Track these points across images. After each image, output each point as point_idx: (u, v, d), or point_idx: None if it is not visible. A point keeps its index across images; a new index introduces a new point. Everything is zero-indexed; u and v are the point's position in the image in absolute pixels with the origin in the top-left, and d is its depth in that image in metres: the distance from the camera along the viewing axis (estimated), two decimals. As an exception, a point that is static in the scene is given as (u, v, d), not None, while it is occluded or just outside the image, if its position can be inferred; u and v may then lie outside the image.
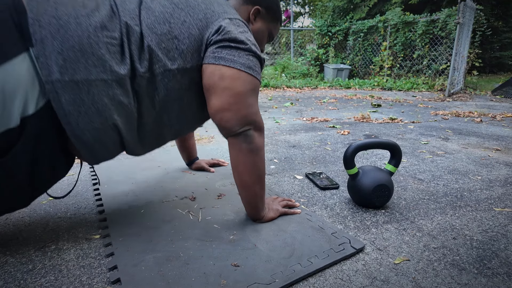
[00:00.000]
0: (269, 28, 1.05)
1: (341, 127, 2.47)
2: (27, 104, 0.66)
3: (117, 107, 0.75)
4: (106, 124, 0.75)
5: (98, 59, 0.70)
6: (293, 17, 7.52)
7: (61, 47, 0.67)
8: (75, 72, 0.68)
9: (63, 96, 0.68)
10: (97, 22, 0.71)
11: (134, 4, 0.78)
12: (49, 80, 0.67)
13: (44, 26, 0.67)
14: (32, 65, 0.66)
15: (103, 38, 0.71)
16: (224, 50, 0.82)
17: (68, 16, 0.69)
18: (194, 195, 1.13)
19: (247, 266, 0.73)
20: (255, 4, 0.99)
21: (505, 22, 8.86)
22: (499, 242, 0.87)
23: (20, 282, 0.69)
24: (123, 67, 0.73)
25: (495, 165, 1.53)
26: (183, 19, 0.80)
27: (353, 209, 1.06)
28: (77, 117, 0.71)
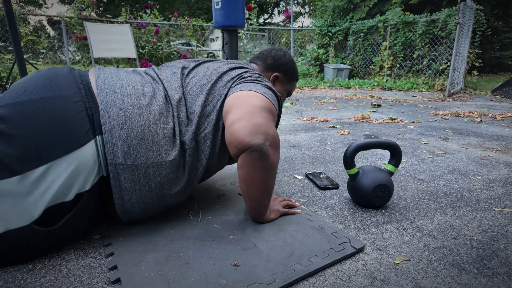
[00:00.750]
0: (287, 89, 1.20)
1: (341, 127, 2.47)
2: (86, 183, 0.75)
3: (168, 183, 0.84)
4: (155, 198, 0.84)
5: (156, 144, 0.80)
6: (293, 17, 7.52)
7: (126, 136, 0.77)
8: (137, 158, 0.78)
9: (123, 176, 0.78)
10: (156, 111, 0.82)
11: (178, 83, 0.91)
12: (112, 163, 0.76)
13: (113, 117, 0.77)
14: (97, 150, 0.76)
15: (160, 125, 0.82)
16: (241, 84, 0.92)
17: (132, 107, 0.80)
18: (194, 195, 1.13)
19: (247, 265, 0.73)
20: (274, 71, 1.15)
21: (505, 22, 8.85)
22: (499, 242, 0.87)
23: (20, 282, 0.69)
24: (175, 149, 0.83)
25: (495, 165, 1.53)
26: (213, 86, 0.92)
27: (353, 209, 1.06)
28: (131, 193, 0.80)
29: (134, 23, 5.22)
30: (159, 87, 0.89)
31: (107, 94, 0.80)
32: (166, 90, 0.89)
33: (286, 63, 1.16)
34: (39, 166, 0.69)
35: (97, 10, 19.28)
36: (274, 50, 1.18)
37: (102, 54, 4.07)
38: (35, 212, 0.69)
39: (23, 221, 0.68)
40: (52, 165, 0.70)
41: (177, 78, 0.93)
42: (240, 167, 0.81)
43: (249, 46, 6.67)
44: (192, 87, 0.92)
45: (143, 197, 0.82)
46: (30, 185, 0.68)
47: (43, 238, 0.73)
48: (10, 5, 2.13)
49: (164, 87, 0.89)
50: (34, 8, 17.65)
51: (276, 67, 1.15)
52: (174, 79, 0.92)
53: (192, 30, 5.95)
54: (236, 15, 1.97)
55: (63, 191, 0.71)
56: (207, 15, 20.02)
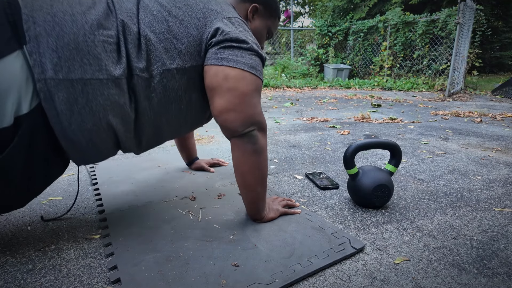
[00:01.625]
0: (267, 25, 1.04)
1: (341, 127, 2.47)
2: (21, 103, 0.65)
3: (112, 108, 0.73)
4: (99, 125, 0.73)
5: (94, 57, 0.69)
6: (293, 17, 7.51)
7: (56, 44, 0.66)
8: (70, 71, 0.67)
9: (56, 95, 0.67)
10: (94, 20, 0.70)
11: (131, 3, 0.78)
12: (41, 78, 0.65)
13: (38, 23, 0.66)
14: (26, 63, 0.65)
15: (99, 36, 0.70)
16: (226, 51, 0.81)
17: (63, 13, 0.68)
18: (194, 195, 1.13)
19: (247, 266, 0.73)
20: (252, 2, 0.98)
21: (505, 22, 8.85)
22: (499, 242, 0.87)
23: (20, 282, 0.69)
24: (119, 67, 0.72)
25: (495, 165, 1.53)
26: (181, 18, 0.80)
27: (353, 209, 1.06)
28: (69, 117, 0.69)
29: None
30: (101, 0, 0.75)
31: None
32: (113, 3, 0.76)
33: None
34: None
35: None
36: None
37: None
38: None
39: None
40: None
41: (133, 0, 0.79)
42: (232, 151, 0.86)
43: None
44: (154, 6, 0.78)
45: (84, 123, 0.71)
46: None
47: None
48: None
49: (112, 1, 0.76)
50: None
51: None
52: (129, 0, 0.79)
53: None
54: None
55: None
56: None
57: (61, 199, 1.13)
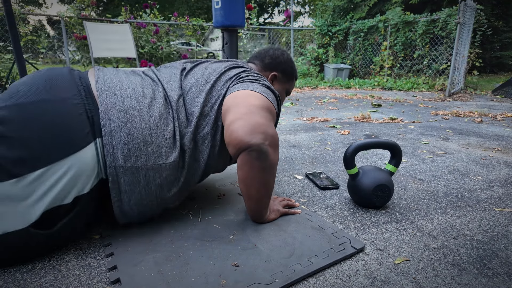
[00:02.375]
0: (286, 88, 1.20)
1: (341, 127, 2.46)
2: (85, 186, 0.74)
3: (167, 185, 0.84)
4: (154, 200, 0.83)
5: (156, 147, 0.80)
6: (293, 17, 7.51)
7: (127, 138, 0.77)
8: (137, 160, 0.77)
9: (122, 178, 0.77)
10: (156, 113, 0.82)
11: (177, 83, 0.91)
12: (112, 166, 0.75)
13: (113, 119, 0.77)
14: (96, 152, 0.75)
15: (161, 127, 0.81)
16: (239, 83, 0.91)
17: (133, 109, 0.80)
18: (194, 195, 1.13)
19: (247, 266, 0.73)
20: (272, 71, 1.14)
21: (506, 22, 8.85)
22: (499, 242, 0.87)
23: (20, 282, 0.69)
24: (175, 150, 0.82)
25: (495, 165, 1.53)
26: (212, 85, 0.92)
27: (353, 209, 1.06)
28: (130, 195, 0.79)
29: (134, 23, 5.21)
30: (158, 89, 0.88)
31: (107, 96, 0.79)
32: (165, 91, 0.88)
33: (284, 62, 1.16)
34: (37, 169, 0.68)
35: (97, 9, 19.27)
36: (272, 50, 1.17)
37: (101, 53, 4.07)
38: (33, 215, 0.68)
39: (21, 224, 0.68)
40: (50, 168, 0.69)
41: (176, 79, 0.92)
42: (239, 167, 0.80)
43: (249, 46, 6.67)
44: (191, 87, 0.91)
45: (142, 200, 0.81)
46: (27, 187, 0.67)
47: (41, 240, 0.73)
48: (9, 4, 2.13)
49: (164, 88, 0.89)
50: (34, 7, 17.64)
51: (274, 66, 1.14)
52: (173, 79, 0.92)
53: (192, 30, 5.94)
54: (236, 15, 1.97)
55: (62, 194, 0.70)
56: (207, 15, 20.01)
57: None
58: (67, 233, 0.78)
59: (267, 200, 0.89)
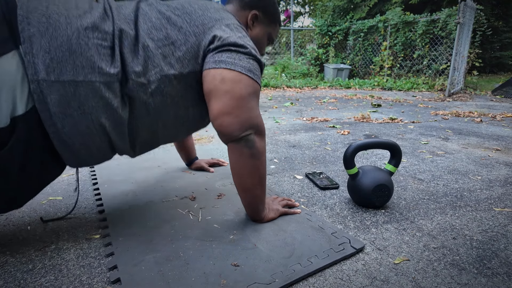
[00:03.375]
0: (268, 32, 1.04)
1: (341, 127, 2.46)
2: (16, 104, 0.65)
3: (105, 111, 0.73)
4: (92, 128, 0.73)
5: (87, 60, 0.68)
6: (293, 17, 7.51)
7: (48, 46, 0.66)
8: (62, 72, 0.67)
9: (49, 97, 0.66)
10: (89, 23, 0.70)
11: (129, 10, 0.79)
12: (34, 79, 0.65)
13: (33, 23, 0.66)
14: (22, 64, 0.65)
15: (93, 39, 0.69)
16: (224, 54, 0.81)
17: (58, 15, 0.68)
18: (194, 195, 1.13)
19: (247, 266, 0.73)
20: (252, 9, 0.99)
21: (505, 22, 8.85)
22: (499, 242, 0.87)
23: (20, 281, 0.69)
24: (112, 70, 0.71)
25: (495, 165, 1.53)
26: (180, 25, 0.80)
27: (353, 209, 1.06)
28: (62, 119, 0.69)
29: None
30: (99, 5, 0.76)
31: None
32: (111, 9, 0.76)
33: (266, 0, 1.01)
34: None
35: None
36: None
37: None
38: None
39: None
40: None
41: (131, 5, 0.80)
42: (230, 154, 0.84)
43: (249, 46, 6.65)
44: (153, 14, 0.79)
45: (77, 125, 0.70)
46: None
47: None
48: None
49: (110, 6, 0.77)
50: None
51: (254, 4, 0.99)
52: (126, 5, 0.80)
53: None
54: (236, 15, 1.96)
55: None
56: (207, 15, 19.95)
57: (61, 199, 1.13)
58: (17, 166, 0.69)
59: (261, 192, 0.89)
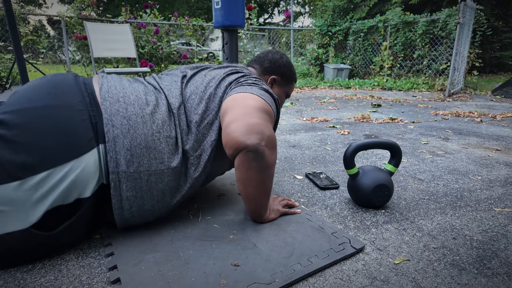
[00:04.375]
0: (285, 91, 1.20)
1: (341, 127, 2.46)
2: (86, 189, 0.74)
3: (170, 190, 0.84)
4: (156, 206, 0.84)
5: (159, 153, 0.81)
6: (293, 17, 7.51)
7: (130, 145, 0.78)
8: (140, 165, 0.79)
9: (125, 184, 0.77)
10: (159, 120, 0.83)
11: (178, 91, 0.92)
12: (115, 171, 0.76)
13: (116, 126, 0.78)
14: (99, 158, 0.76)
15: (164, 133, 0.83)
16: (237, 87, 0.92)
17: (136, 116, 0.81)
18: (194, 195, 1.13)
19: (247, 265, 0.73)
20: (271, 74, 1.15)
21: (505, 22, 8.85)
22: (499, 242, 0.87)
23: (20, 281, 0.69)
24: (177, 157, 0.84)
25: (495, 165, 1.53)
26: (214, 93, 0.93)
27: (353, 209, 1.06)
28: (132, 202, 0.80)
29: (134, 23, 5.21)
30: (161, 96, 0.90)
31: (111, 103, 0.81)
32: (167, 98, 0.89)
33: (283, 65, 1.17)
34: (40, 172, 0.69)
35: (97, 10, 19.27)
36: (271, 53, 1.18)
37: (102, 53, 4.06)
38: (34, 216, 0.69)
39: (22, 225, 0.68)
40: (53, 171, 0.70)
41: (177, 86, 0.94)
42: (236, 168, 0.81)
43: (249, 46, 6.66)
44: (191, 95, 0.92)
45: (144, 205, 0.82)
46: (29, 190, 0.68)
47: (41, 242, 0.73)
48: (10, 4, 2.13)
49: (166, 96, 0.90)
50: (34, 7, 17.63)
51: (273, 70, 1.15)
52: (174, 87, 0.93)
53: (192, 30, 5.94)
54: (236, 15, 1.97)
55: (63, 197, 0.71)
56: (207, 15, 20.01)
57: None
58: (68, 236, 0.78)
59: (266, 201, 0.89)
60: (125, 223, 0.84)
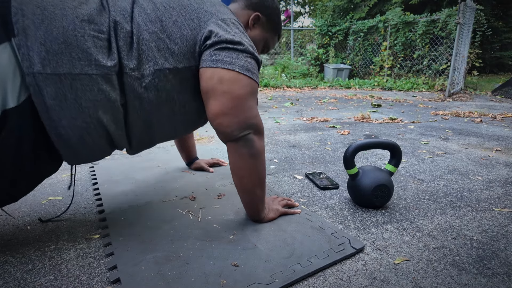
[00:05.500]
0: (266, 37, 1.02)
1: (341, 127, 2.46)
2: (7, 96, 0.63)
3: (103, 104, 0.72)
4: (90, 121, 0.72)
5: (83, 52, 0.68)
6: (293, 17, 7.51)
7: (44, 38, 0.65)
8: (58, 65, 0.66)
9: (45, 89, 0.65)
10: (84, 15, 0.69)
11: (126, 2, 0.77)
12: (30, 72, 0.64)
13: (27, 15, 0.65)
14: (14, 55, 0.64)
15: (89, 31, 0.69)
16: (221, 52, 0.79)
17: (54, 7, 0.67)
18: (194, 195, 1.13)
19: (247, 266, 0.73)
20: (256, 10, 0.98)
21: (505, 22, 8.85)
22: (499, 242, 0.87)
23: (20, 281, 0.69)
24: (110, 62, 0.70)
25: (495, 165, 1.53)
26: (174, 19, 0.78)
27: (353, 209, 1.06)
28: (59, 112, 0.68)
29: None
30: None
31: None
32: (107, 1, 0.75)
33: (272, 8, 1.00)
34: None
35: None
36: None
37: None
38: None
39: None
40: None
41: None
42: (229, 156, 0.85)
43: (249, 46, 6.65)
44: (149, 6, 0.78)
45: (74, 119, 0.70)
46: None
47: None
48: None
49: None
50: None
51: (260, 7, 0.98)
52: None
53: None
54: (236, 15, 1.96)
55: None
56: (207, 15, 19.94)
57: (61, 198, 1.13)
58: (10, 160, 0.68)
59: (261, 193, 0.89)
60: (66, 148, 0.73)
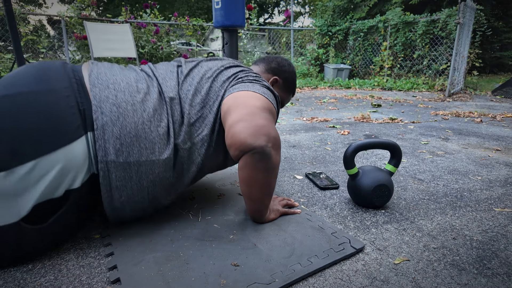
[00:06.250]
0: (282, 97, 1.20)
1: (341, 127, 2.46)
2: (75, 180, 0.72)
3: (160, 182, 0.82)
4: (146, 198, 0.83)
5: (149, 142, 0.79)
6: (293, 17, 7.51)
7: (119, 133, 0.75)
8: (129, 155, 0.76)
9: (114, 174, 0.75)
10: (150, 108, 0.81)
11: (174, 81, 0.90)
12: (103, 160, 0.74)
13: (105, 113, 0.75)
14: (87, 146, 0.73)
15: (155, 122, 0.80)
16: (238, 84, 0.90)
17: (126, 103, 0.79)
18: (194, 195, 1.13)
19: (247, 265, 0.73)
20: (275, 74, 1.15)
21: (505, 22, 8.85)
22: (499, 242, 0.87)
23: (20, 281, 0.69)
24: (168, 147, 0.81)
25: (495, 165, 1.53)
26: (210, 85, 0.91)
27: (353, 209, 1.06)
28: (122, 191, 0.78)
29: (134, 23, 5.21)
30: (153, 84, 0.87)
31: (100, 89, 0.78)
32: (160, 87, 0.87)
33: (288, 72, 1.17)
34: (26, 162, 0.66)
35: (97, 9, 19.26)
36: (281, 58, 1.19)
37: (102, 53, 4.07)
38: (23, 209, 0.67)
39: (11, 218, 0.66)
40: (40, 161, 0.67)
41: (173, 77, 0.91)
42: (241, 168, 0.80)
43: (249, 46, 6.67)
44: (187, 86, 0.90)
45: (133, 196, 0.80)
46: (17, 181, 0.65)
47: (33, 236, 0.72)
48: (10, 4, 2.13)
49: (159, 84, 0.87)
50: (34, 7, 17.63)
51: (278, 71, 1.15)
52: (169, 77, 0.91)
53: (192, 30, 5.94)
54: (236, 15, 1.97)
55: (52, 188, 0.69)
56: (207, 15, 20.00)
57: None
58: (60, 229, 0.76)
59: (268, 201, 0.89)
60: (116, 215, 0.83)
